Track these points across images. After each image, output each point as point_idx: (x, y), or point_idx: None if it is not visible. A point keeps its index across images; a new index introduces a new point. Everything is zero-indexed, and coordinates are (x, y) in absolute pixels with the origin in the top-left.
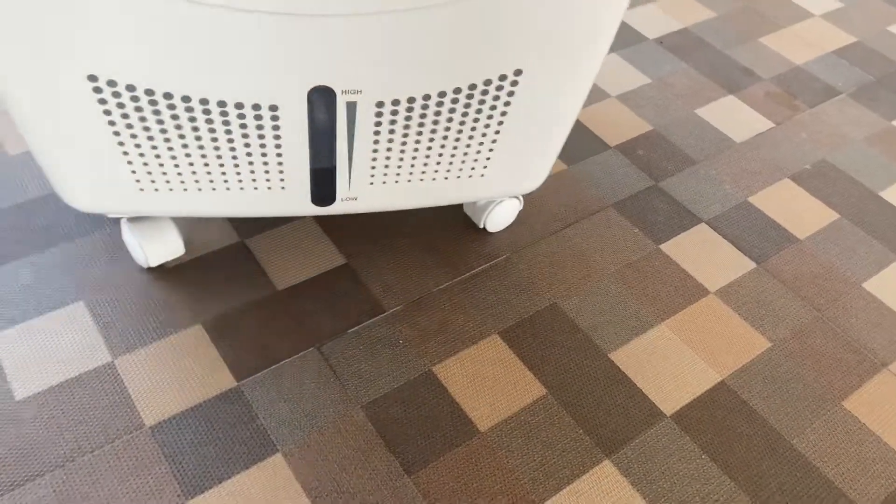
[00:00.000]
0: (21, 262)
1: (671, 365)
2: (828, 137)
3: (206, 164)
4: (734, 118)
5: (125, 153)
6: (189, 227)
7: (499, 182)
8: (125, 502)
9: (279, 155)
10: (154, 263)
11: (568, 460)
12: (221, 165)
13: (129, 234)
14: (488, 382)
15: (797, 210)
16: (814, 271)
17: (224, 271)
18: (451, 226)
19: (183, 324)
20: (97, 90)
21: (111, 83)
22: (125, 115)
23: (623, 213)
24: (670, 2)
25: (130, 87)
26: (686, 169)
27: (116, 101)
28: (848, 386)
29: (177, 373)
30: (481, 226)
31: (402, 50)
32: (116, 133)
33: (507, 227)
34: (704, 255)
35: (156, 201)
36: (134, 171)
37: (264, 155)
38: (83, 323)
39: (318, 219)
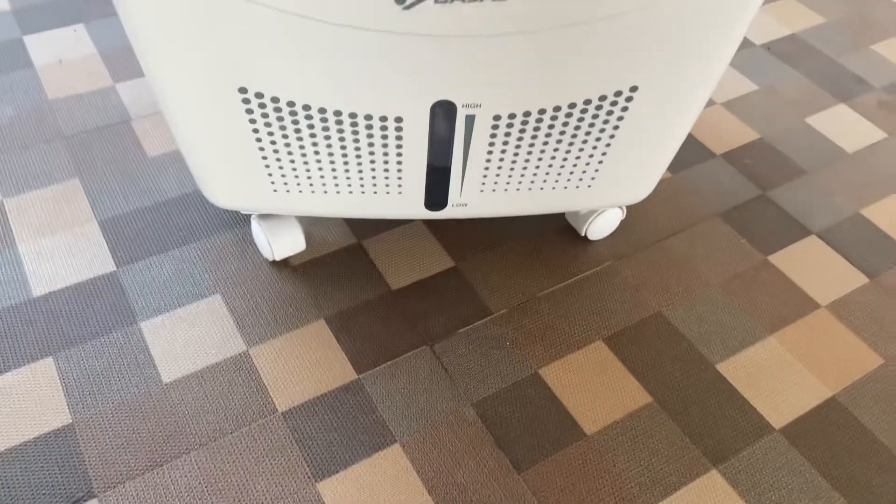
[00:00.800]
0: (163, 257)
1: (780, 378)
2: None
3: (334, 170)
4: (845, 128)
5: (264, 157)
6: (311, 228)
7: (605, 193)
8: (261, 481)
9: (399, 163)
10: (279, 257)
11: (675, 468)
12: (347, 171)
13: (258, 230)
14: (594, 387)
15: None
16: None
17: (343, 270)
18: (554, 232)
19: (308, 318)
20: (245, 101)
21: (258, 95)
22: (267, 123)
23: (729, 223)
24: (779, 7)
25: (275, 99)
26: (795, 179)
27: (261, 110)
28: None
29: (304, 364)
30: (583, 234)
31: (523, 68)
32: (258, 139)
33: (611, 235)
34: (815, 268)
35: (286, 201)
36: (270, 174)
37: (386, 162)
38: (220, 314)
39: (428, 224)
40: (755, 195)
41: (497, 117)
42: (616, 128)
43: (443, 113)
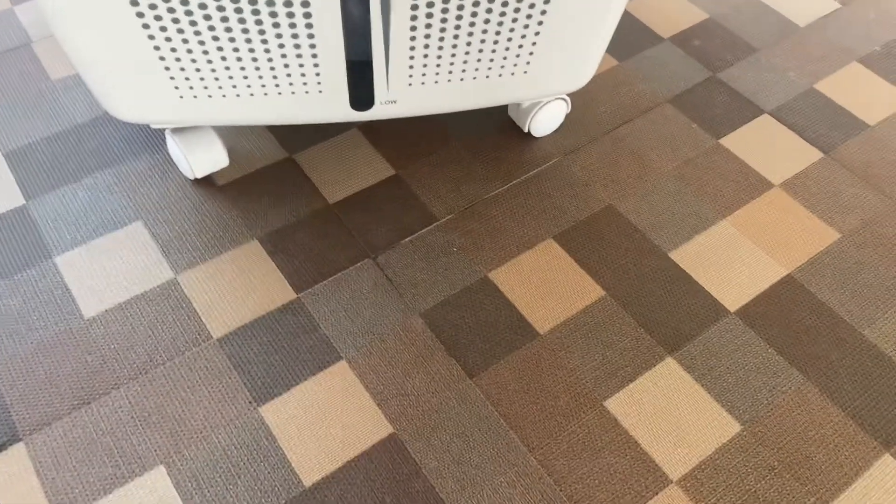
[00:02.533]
0: (77, 186)
1: (734, 261)
2: None
3: (243, 68)
4: (796, 1)
5: (161, 58)
6: (236, 143)
7: (542, 80)
8: (199, 410)
9: (314, 55)
10: (200, 174)
11: (629, 359)
12: (257, 68)
13: (173, 146)
14: (545, 286)
15: (867, 95)
16: (885, 158)
17: (275, 187)
18: (498, 132)
19: (239, 239)
20: None
21: None
22: (158, 17)
23: (680, 108)
24: None
25: None
26: (746, 58)
27: (148, 2)
28: None
29: (238, 287)
30: (526, 130)
31: None
32: (151, 37)
33: (558, 129)
34: (768, 148)
35: (195, 110)
36: (172, 78)
37: (299, 55)
38: (143, 241)
39: (365, 131)
40: (705, 77)
41: None
42: (547, 2)
43: None
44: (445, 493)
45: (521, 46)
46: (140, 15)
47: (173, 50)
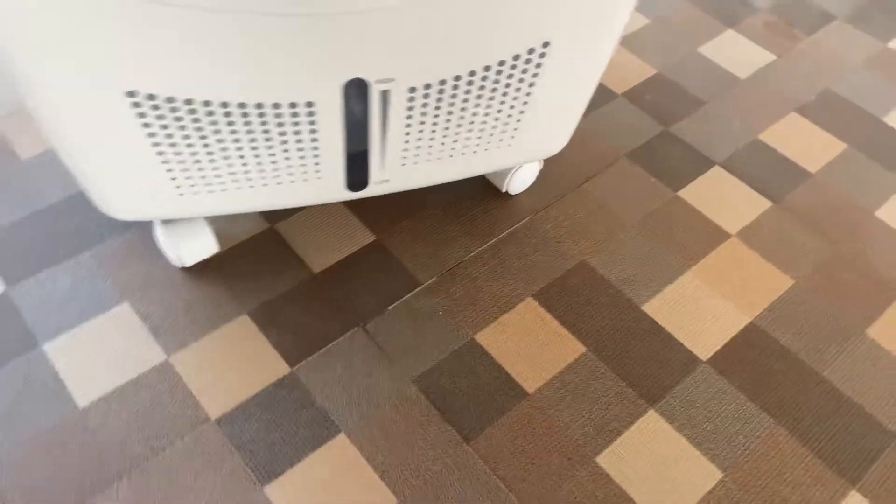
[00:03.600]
0: (56, 269)
1: (702, 311)
2: (829, 66)
3: (245, 164)
4: (736, 54)
5: (164, 161)
6: (218, 218)
7: (525, 149)
8: (204, 496)
9: (315, 147)
10: (189, 263)
11: (615, 413)
12: (259, 163)
13: (163, 237)
14: (530, 345)
15: (806, 143)
16: (828, 204)
17: (260, 258)
18: (472, 192)
19: (229, 315)
20: (136, 105)
21: (150, 97)
22: (164, 126)
23: (638, 162)
24: None
25: (170, 99)
26: (695, 111)
27: (156, 113)
28: (870, 314)
29: (232, 364)
30: (504, 190)
31: (432, 36)
32: (156, 143)
33: (529, 188)
34: (722, 198)
35: (194, 203)
36: (174, 178)
37: (301, 150)
38: (131, 324)
39: None
40: (659, 132)
41: (412, 89)
42: (532, 85)
43: (356, 91)
44: None
45: (507, 124)
46: (141, 115)
47: (178, 154)
